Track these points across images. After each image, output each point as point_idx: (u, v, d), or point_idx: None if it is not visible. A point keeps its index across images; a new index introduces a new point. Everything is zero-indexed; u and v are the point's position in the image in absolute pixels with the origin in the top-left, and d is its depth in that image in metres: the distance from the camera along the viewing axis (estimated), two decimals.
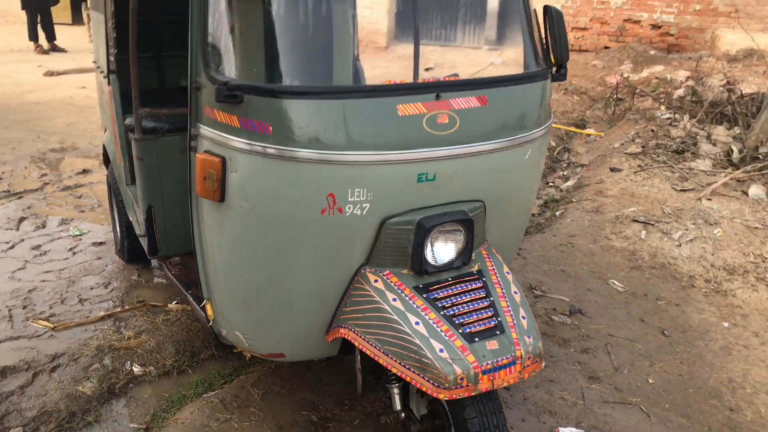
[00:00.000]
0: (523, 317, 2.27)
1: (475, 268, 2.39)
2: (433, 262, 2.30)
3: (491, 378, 2.10)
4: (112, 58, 3.65)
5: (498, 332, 2.17)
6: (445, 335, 2.12)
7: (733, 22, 11.71)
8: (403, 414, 2.47)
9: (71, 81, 9.88)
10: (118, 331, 3.44)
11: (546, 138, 2.59)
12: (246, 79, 2.16)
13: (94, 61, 4.24)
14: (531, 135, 2.42)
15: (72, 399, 2.95)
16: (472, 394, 2.09)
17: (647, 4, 12.06)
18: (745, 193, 5.05)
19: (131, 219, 3.80)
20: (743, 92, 6.56)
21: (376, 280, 2.27)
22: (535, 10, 2.60)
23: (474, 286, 2.31)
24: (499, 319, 2.21)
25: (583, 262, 4.44)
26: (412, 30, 2.98)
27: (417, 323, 2.15)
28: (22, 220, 4.81)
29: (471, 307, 2.23)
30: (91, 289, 3.89)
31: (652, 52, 11.89)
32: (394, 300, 2.21)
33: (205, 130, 2.26)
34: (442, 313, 2.19)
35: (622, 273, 4.31)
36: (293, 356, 2.59)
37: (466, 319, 2.19)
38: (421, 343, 2.10)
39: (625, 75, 9.92)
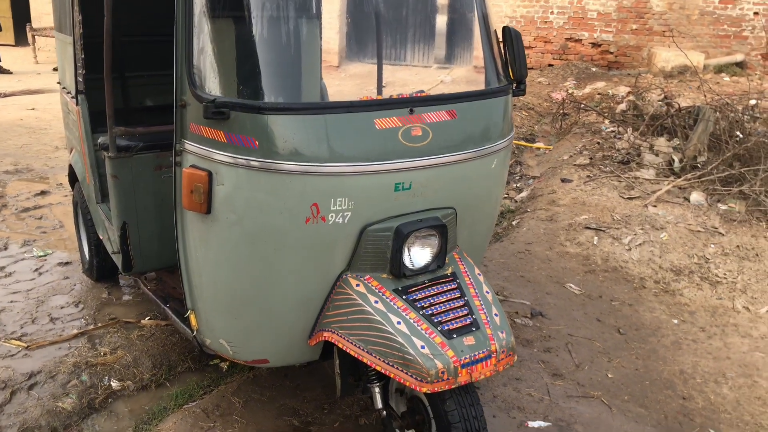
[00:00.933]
0: (496, 314, 2.43)
1: (449, 271, 2.55)
2: (410, 266, 2.45)
3: (469, 371, 2.25)
4: (80, 79, 3.71)
5: (474, 329, 2.33)
6: (426, 333, 2.27)
7: (667, 41, 12.34)
8: (384, 412, 2.60)
9: (19, 103, 9.73)
10: (93, 348, 3.46)
11: (509, 149, 2.78)
12: (231, 96, 2.28)
13: (58, 82, 4.27)
14: (496, 146, 2.61)
15: (52, 415, 2.98)
16: (453, 386, 2.23)
17: (587, 23, 12.61)
18: (687, 199, 5.38)
19: (101, 237, 3.84)
20: (681, 106, 6.97)
21: (357, 285, 2.41)
22: (495, 30, 2.80)
23: (449, 287, 2.47)
24: (474, 316, 2.38)
25: (540, 267, 4.66)
26: (369, 50, 3.15)
27: (399, 323, 2.29)
28: None
29: (447, 306, 2.39)
30: (62, 308, 3.89)
31: (594, 69, 12.42)
32: (376, 302, 2.35)
33: (190, 146, 2.36)
34: (421, 312, 2.34)
35: (578, 277, 4.54)
36: (277, 362, 2.69)
37: (444, 317, 2.34)
38: (403, 341, 2.24)
39: (570, 91, 10.35)
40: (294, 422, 2.98)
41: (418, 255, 2.46)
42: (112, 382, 3.23)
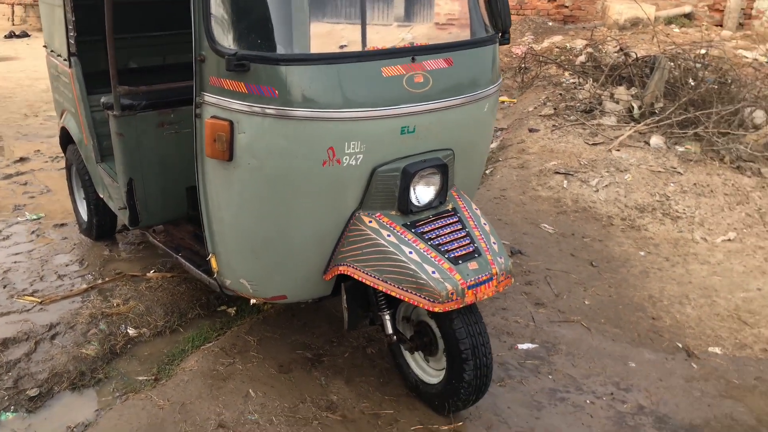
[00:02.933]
0: (494, 243, 2.71)
1: (450, 207, 2.81)
2: (416, 203, 2.70)
3: (475, 292, 2.53)
4: (72, 41, 3.79)
5: (476, 255, 2.61)
6: (435, 260, 2.53)
7: None
8: (394, 336, 2.87)
9: None
10: (106, 300, 3.64)
11: (497, 95, 3.03)
12: (249, 49, 2.46)
13: (44, 45, 4.32)
14: (488, 91, 2.85)
15: (78, 360, 3.16)
16: (461, 306, 2.51)
17: None
18: (647, 143, 5.74)
19: (102, 195, 3.97)
20: (638, 56, 7.31)
21: (370, 221, 2.65)
22: None
23: (451, 221, 2.73)
24: (475, 245, 2.65)
25: (516, 211, 4.97)
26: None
27: (410, 252, 2.55)
28: None
29: (452, 237, 2.66)
30: (66, 266, 4.03)
31: (550, 24, 12.71)
32: (389, 236, 2.60)
33: (210, 98, 2.54)
34: (429, 243, 2.60)
35: (551, 218, 4.87)
36: (294, 297, 2.92)
37: (450, 246, 2.61)
38: (416, 268, 2.50)
39: (529, 45, 10.62)
40: (307, 354, 3.24)
41: (423, 192, 2.70)
42: (128, 330, 3.42)
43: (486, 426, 2.85)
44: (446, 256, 2.56)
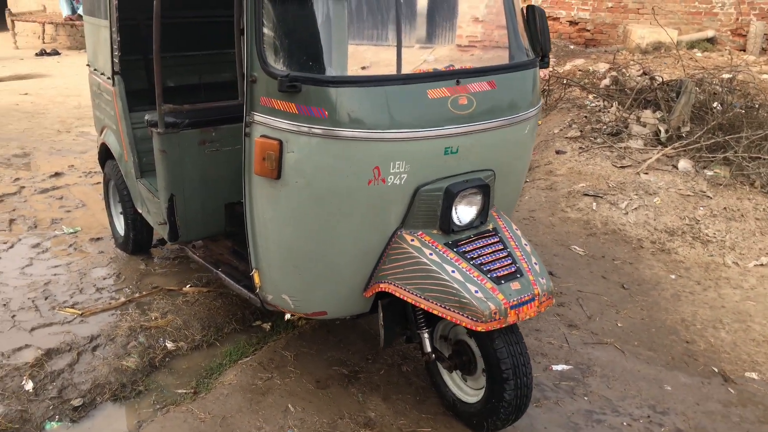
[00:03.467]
0: (535, 263, 2.74)
1: (491, 227, 2.84)
2: (457, 223, 2.74)
3: (517, 312, 2.56)
4: (116, 60, 3.90)
5: (518, 275, 2.64)
6: (477, 280, 2.57)
7: (641, 18, 12.75)
8: (433, 355, 2.90)
9: (9, 88, 9.75)
10: (144, 314, 3.70)
11: (537, 118, 3.08)
12: (301, 71, 2.53)
13: (88, 64, 4.44)
14: (528, 113, 2.90)
15: (119, 372, 3.22)
16: (503, 326, 2.54)
17: (565, 2, 12.95)
18: (675, 167, 5.75)
19: (140, 210, 4.05)
20: (664, 80, 7.34)
21: (412, 240, 2.69)
22: (522, 8, 3.08)
23: (492, 241, 2.77)
24: (517, 265, 2.68)
25: (545, 232, 5.00)
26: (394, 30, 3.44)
27: (453, 271, 2.58)
28: (12, 221, 4.93)
29: (494, 257, 2.69)
30: (104, 279, 4.11)
31: (572, 47, 12.78)
32: (431, 254, 2.64)
33: (260, 117, 2.61)
34: (471, 262, 2.63)
35: (581, 239, 4.89)
36: (334, 313, 2.96)
37: (492, 266, 2.64)
38: (459, 287, 2.53)
39: (552, 68, 10.68)
40: (343, 371, 3.27)
41: (465, 212, 2.74)
42: (167, 343, 3.47)
43: None
44: (489, 275, 2.59)
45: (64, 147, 6.93)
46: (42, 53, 13.19)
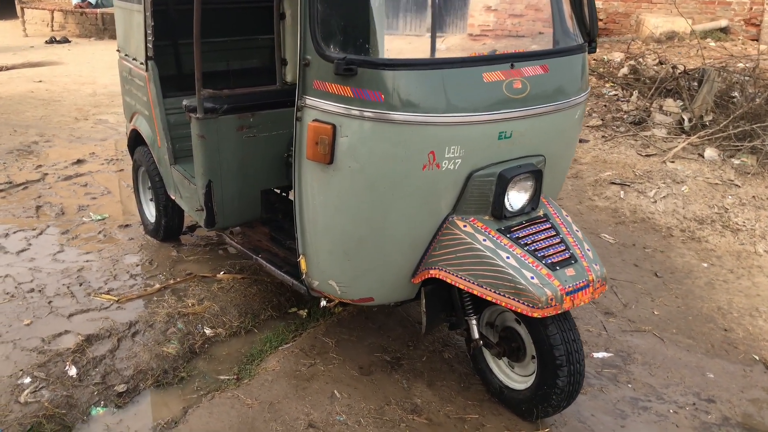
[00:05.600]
0: (588, 249, 2.72)
1: (541, 213, 2.82)
2: (509, 208, 2.71)
3: (572, 299, 2.54)
4: (150, 45, 3.86)
5: (573, 261, 2.62)
6: (533, 266, 2.54)
7: (654, 7, 12.68)
8: (480, 341, 2.88)
9: (24, 75, 9.71)
10: (180, 300, 3.68)
11: (585, 104, 3.04)
12: (356, 54, 2.49)
13: (118, 50, 4.40)
14: (578, 99, 2.87)
15: (160, 358, 3.20)
16: (559, 312, 2.52)
17: None
18: (701, 155, 5.73)
19: (173, 197, 4.03)
20: (686, 68, 7.30)
21: (464, 226, 2.66)
22: None
23: (545, 227, 2.74)
24: (571, 251, 2.66)
25: (573, 220, 4.95)
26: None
27: (508, 258, 2.56)
28: (38, 208, 4.91)
29: (547, 243, 2.67)
30: (137, 266, 4.09)
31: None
32: (484, 240, 2.62)
33: (312, 101, 2.57)
34: (525, 248, 2.61)
35: (610, 228, 4.86)
36: (381, 300, 2.94)
37: (546, 252, 2.62)
38: (515, 273, 2.51)
39: None
40: (385, 357, 3.26)
41: (517, 198, 2.72)
42: (205, 329, 3.46)
43: None
44: (543, 261, 2.57)
45: (83, 134, 6.89)
46: (52, 41, 13.13)
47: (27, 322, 3.46)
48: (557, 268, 2.57)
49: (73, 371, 3.05)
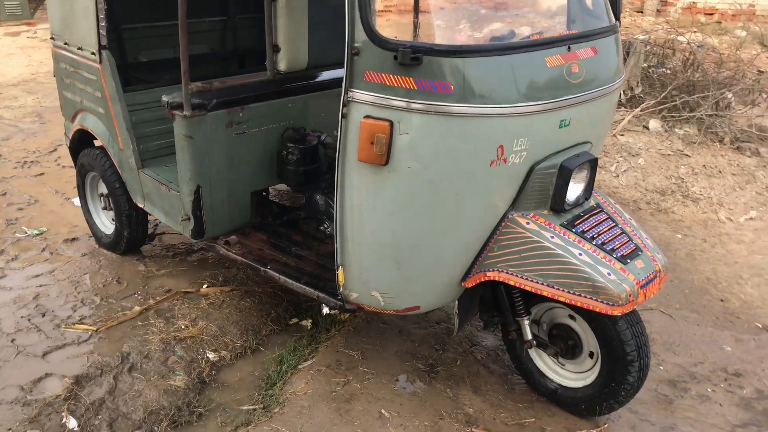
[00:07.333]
0: (647, 238, 2.63)
1: (593, 203, 2.69)
2: (568, 201, 2.55)
3: (644, 292, 2.43)
4: (103, 33, 3.35)
5: (639, 252, 2.51)
6: (606, 261, 2.41)
7: None
8: (534, 341, 2.73)
9: None
10: (169, 322, 3.25)
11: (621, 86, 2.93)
12: (418, 40, 2.22)
13: (52, 37, 3.79)
14: (620, 81, 2.75)
15: (169, 394, 2.80)
16: (635, 307, 2.41)
17: None
18: (646, 127, 5.88)
19: (141, 206, 3.55)
20: None
21: (527, 223, 2.48)
22: None
23: (602, 218, 2.62)
24: (634, 242, 2.55)
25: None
26: None
27: (580, 254, 2.41)
28: None
29: (611, 235, 2.54)
30: (104, 286, 3.58)
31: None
32: (552, 237, 2.44)
33: (363, 95, 2.27)
34: (593, 243, 2.47)
35: None
36: (427, 307, 2.71)
37: (613, 245, 2.49)
38: (591, 270, 2.37)
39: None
40: (419, 365, 3.03)
41: (574, 189, 2.56)
42: (208, 354, 3.08)
43: (630, 426, 2.78)
44: (614, 255, 2.44)
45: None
46: None
47: None
48: (628, 261, 2.45)
49: (72, 423, 2.59)
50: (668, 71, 6.82)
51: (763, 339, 3.46)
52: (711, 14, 12.56)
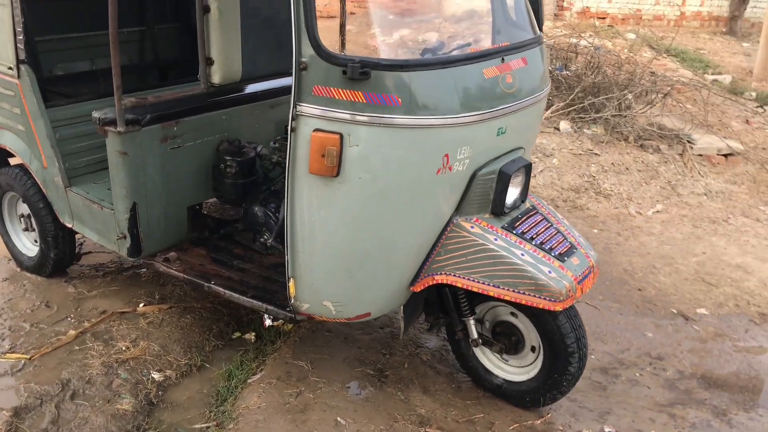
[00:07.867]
0: (579, 236, 2.81)
1: (528, 205, 2.84)
2: (507, 204, 2.69)
3: (581, 287, 2.60)
4: (21, 46, 3.23)
5: (574, 250, 2.68)
6: (545, 260, 2.56)
7: None
8: (480, 340, 2.85)
9: None
10: (109, 345, 3.15)
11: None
12: (363, 55, 2.28)
13: None
14: (546, 90, 2.92)
15: (117, 418, 2.73)
16: (574, 302, 2.57)
17: None
18: (558, 129, 6.19)
19: (69, 225, 3.42)
20: None
21: (472, 227, 2.59)
22: None
23: (538, 219, 2.77)
24: (568, 240, 2.72)
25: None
26: None
27: (522, 254, 2.55)
28: None
29: (547, 235, 2.70)
30: (31, 311, 3.41)
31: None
32: (496, 240, 2.57)
33: (312, 109, 2.31)
34: (533, 243, 2.61)
35: None
36: (377, 313, 2.77)
37: (551, 244, 2.65)
38: (533, 269, 2.51)
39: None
40: (368, 371, 3.09)
41: (512, 193, 2.70)
42: (153, 374, 3.01)
43: (571, 413, 2.96)
44: (552, 254, 2.60)
45: None
46: None
47: None
48: (565, 258, 2.62)
49: None
50: (570, 74, 7.20)
51: (679, 323, 3.75)
52: (603, 18, 13.28)
